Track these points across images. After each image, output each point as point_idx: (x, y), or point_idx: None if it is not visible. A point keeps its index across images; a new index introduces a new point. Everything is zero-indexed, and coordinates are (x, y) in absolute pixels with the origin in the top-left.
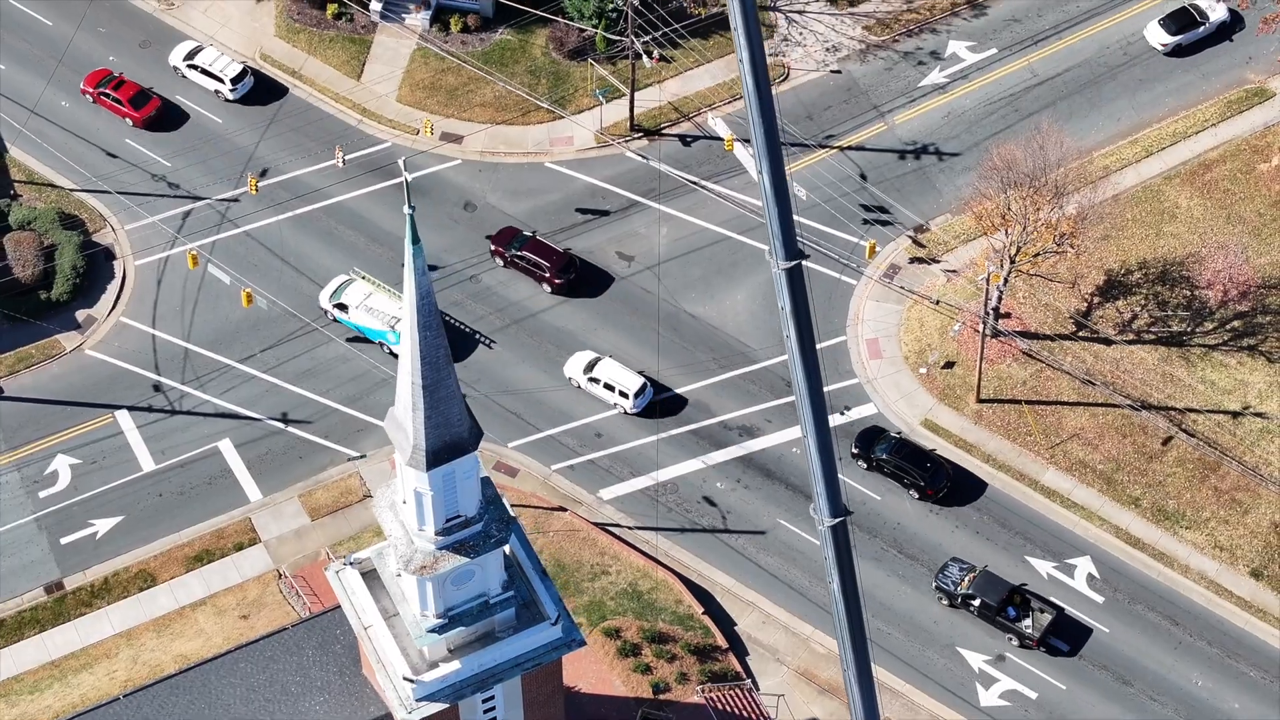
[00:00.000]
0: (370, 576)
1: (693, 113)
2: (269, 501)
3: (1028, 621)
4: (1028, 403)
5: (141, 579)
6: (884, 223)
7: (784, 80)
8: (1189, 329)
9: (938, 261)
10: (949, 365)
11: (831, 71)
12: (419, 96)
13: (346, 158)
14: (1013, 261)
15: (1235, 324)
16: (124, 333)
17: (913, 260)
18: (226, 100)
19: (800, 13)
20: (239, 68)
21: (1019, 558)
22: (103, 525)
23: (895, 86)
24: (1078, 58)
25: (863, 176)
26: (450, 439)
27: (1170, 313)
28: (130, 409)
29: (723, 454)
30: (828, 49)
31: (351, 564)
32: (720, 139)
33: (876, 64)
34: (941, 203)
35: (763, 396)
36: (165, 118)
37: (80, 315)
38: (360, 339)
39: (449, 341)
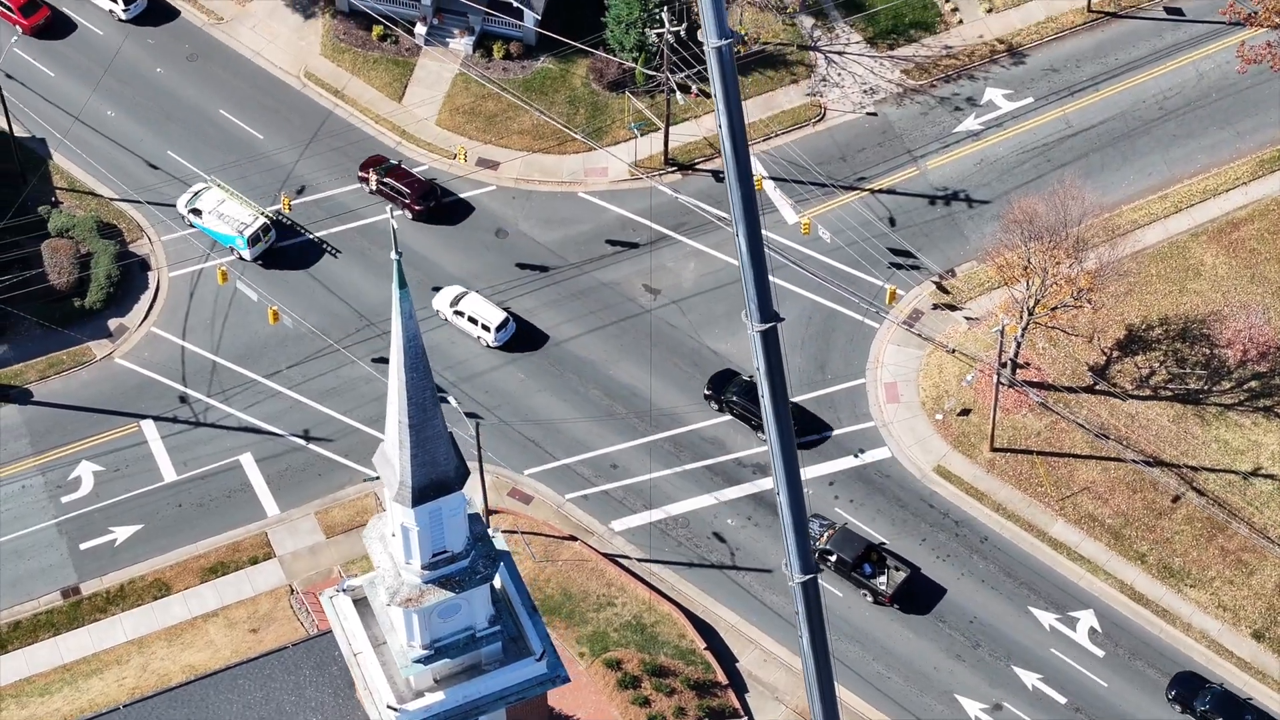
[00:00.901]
0: (362, 604)
1: None
2: (286, 517)
3: (882, 579)
4: (1040, 454)
5: (156, 588)
6: (910, 267)
7: (820, 120)
8: (1206, 387)
9: (960, 309)
10: (965, 413)
11: (867, 114)
12: (458, 121)
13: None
14: (1030, 314)
15: (1253, 384)
16: (154, 343)
17: (936, 306)
18: (119, 20)
19: (840, 54)
20: None
21: (1022, 608)
22: (122, 533)
23: (930, 131)
24: (1113, 110)
25: (891, 220)
26: (436, 477)
27: (1188, 370)
28: (156, 419)
29: (735, 490)
30: (865, 91)
31: (345, 590)
32: (763, 175)
33: (913, 108)
34: (968, 250)
35: None
36: (53, 27)
37: (112, 324)
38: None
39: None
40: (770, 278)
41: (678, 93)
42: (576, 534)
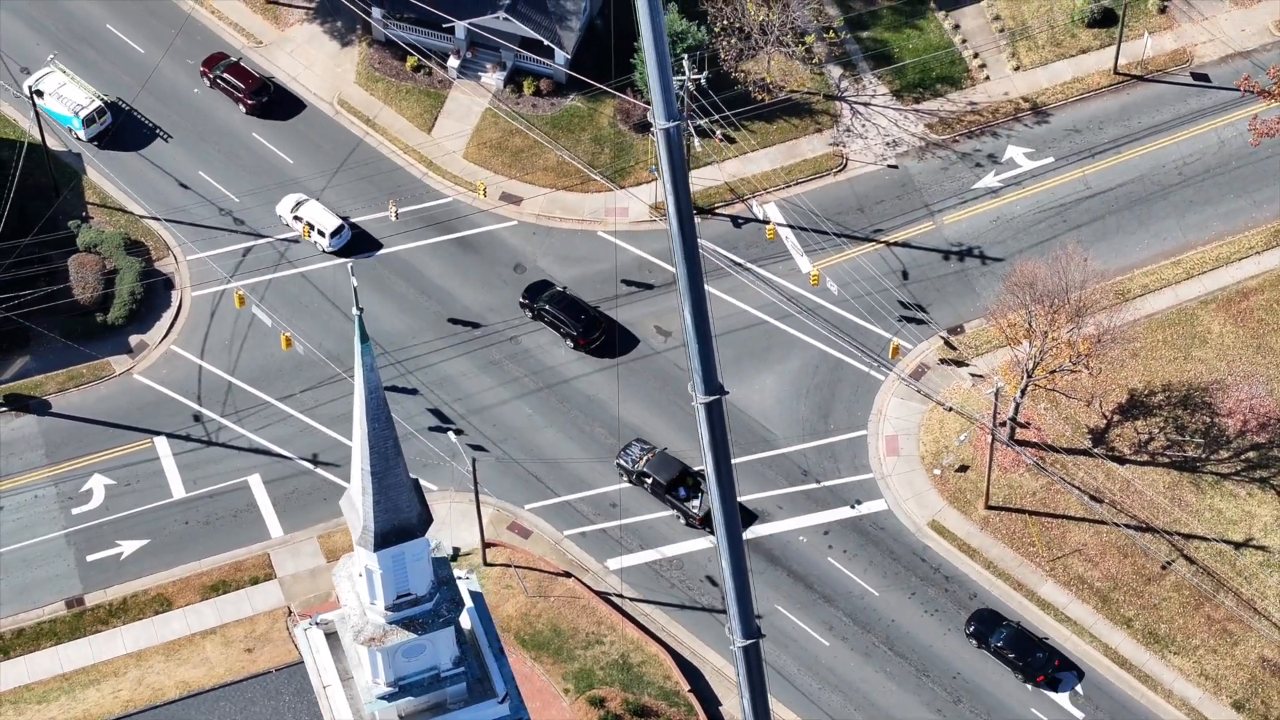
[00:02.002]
0: (334, 637)
1: (748, 195)
2: (289, 539)
3: (695, 502)
4: (1034, 514)
5: (158, 602)
6: (919, 322)
7: (841, 170)
8: (1204, 455)
9: (967, 365)
10: (963, 469)
11: (888, 166)
12: (485, 155)
13: (406, 209)
14: (1030, 375)
15: (1250, 455)
16: (173, 361)
17: (943, 362)
18: None
19: (865, 105)
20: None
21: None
22: (128, 546)
23: (949, 186)
24: (1132, 173)
25: (904, 274)
26: (399, 523)
27: (1187, 437)
28: (169, 436)
29: None
30: (888, 143)
31: (318, 624)
32: (771, 223)
33: (934, 162)
34: (978, 306)
35: (777, 482)
36: None
37: (133, 340)
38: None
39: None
40: (781, 324)
41: (698, 136)
42: (572, 570)
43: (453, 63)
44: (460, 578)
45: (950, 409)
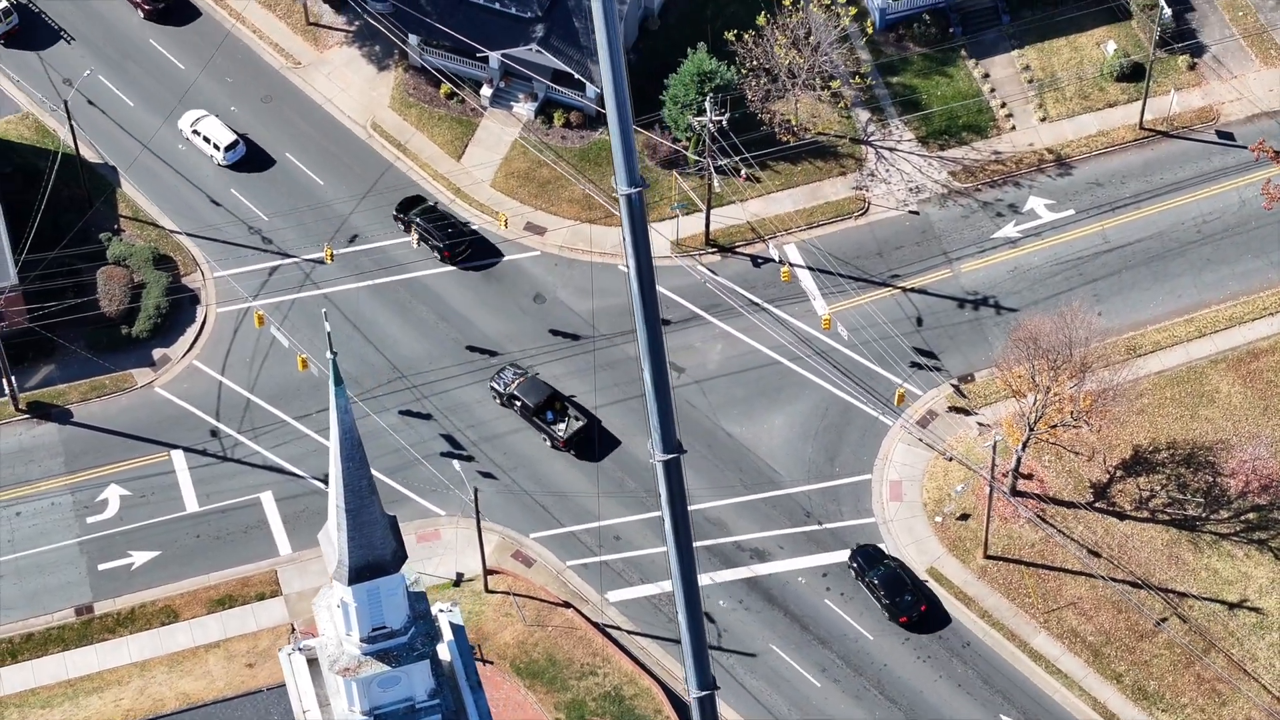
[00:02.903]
0: (315, 664)
1: (768, 235)
2: (297, 557)
3: (560, 425)
4: (1031, 565)
5: (165, 614)
6: (930, 368)
7: (862, 214)
8: (1204, 514)
9: (974, 414)
10: (964, 517)
11: (910, 211)
12: (512, 185)
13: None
14: (1032, 429)
15: (1250, 516)
16: (194, 376)
17: (951, 409)
18: None
19: (891, 150)
20: None
21: (994, 715)
22: (140, 557)
23: (968, 235)
24: (1151, 229)
25: (919, 320)
26: (373, 559)
27: (1188, 496)
28: (186, 450)
29: (731, 573)
30: (910, 189)
31: (300, 649)
32: (789, 264)
33: (955, 210)
34: (990, 356)
35: (780, 522)
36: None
37: (156, 354)
38: None
39: None
40: (793, 365)
41: (717, 176)
42: (572, 601)
43: (485, 91)
44: (443, 610)
45: (951, 458)
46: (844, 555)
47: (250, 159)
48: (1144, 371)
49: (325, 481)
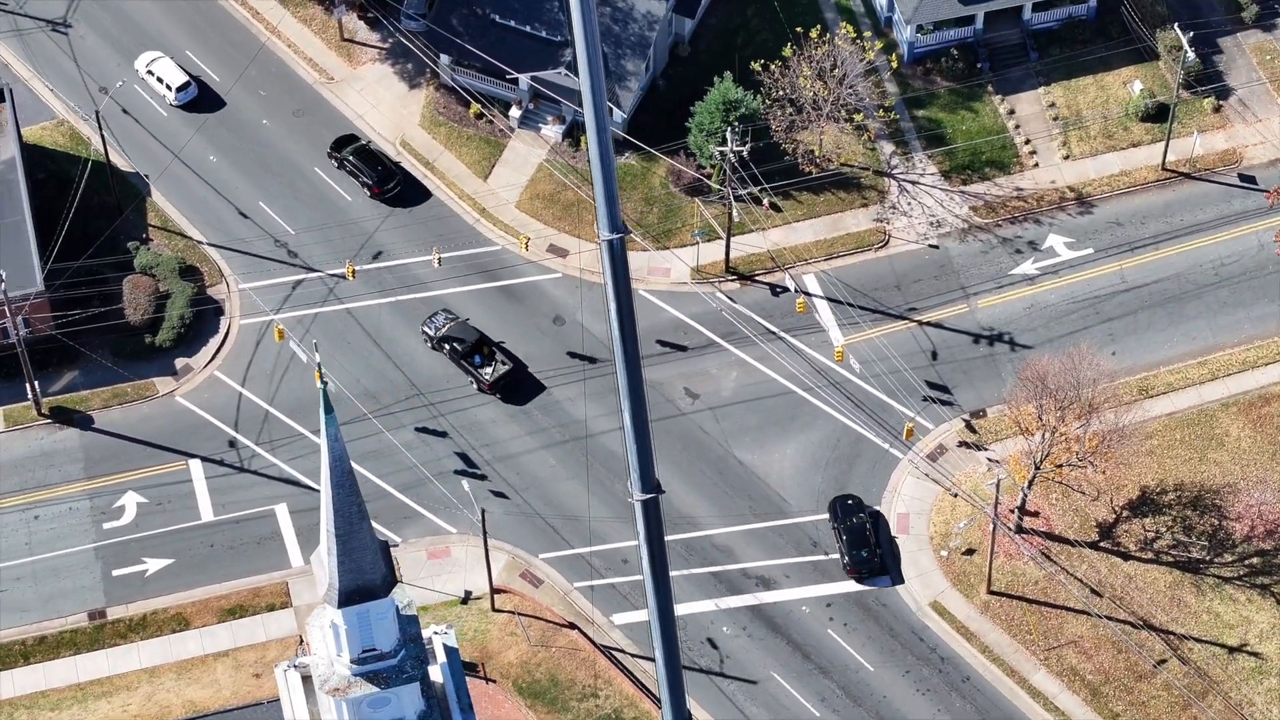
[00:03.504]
0: (309, 681)
1: (787, 266)
2: (308, 569)
3: (488, 369)
4: (1034, 602)
5: (176, 621)
6: (943, 403)
7: (883, 246)
8: (1208, 557)
9: (984, 449)
10: (969, 552)
11: (929, 245)
12: (537, 206)
13: (455, 254)
14: (1038, 468)
15: (1254, 560)
16: (214, 386)
17: (961, 444)
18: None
19: (914, 183)
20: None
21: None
22: (154, 564)
23: (987, 270)
24: (1169, 270)
25: (934, 354)
26: (362, 584)
27: (1193, 539)
28: (203, 459)
29: (736, 600)
30: (931, 223)
31: (296, 666)
32: (806, 294)
33: (974, 245)
34: (1003, 392)
35: (787, 551)
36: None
37: (179, 363)
38: None
39: None
40: (806, 395)
41: (738, 204)
42: (577, 622)
43: (514, 113)
44: (437, 632)
45: (956, 494)
46: (849, 586)
47: (279, 171)
48: (1154, 413)
49: None
